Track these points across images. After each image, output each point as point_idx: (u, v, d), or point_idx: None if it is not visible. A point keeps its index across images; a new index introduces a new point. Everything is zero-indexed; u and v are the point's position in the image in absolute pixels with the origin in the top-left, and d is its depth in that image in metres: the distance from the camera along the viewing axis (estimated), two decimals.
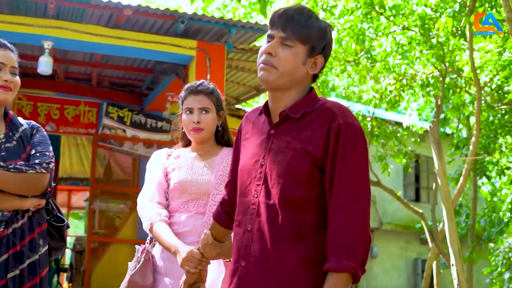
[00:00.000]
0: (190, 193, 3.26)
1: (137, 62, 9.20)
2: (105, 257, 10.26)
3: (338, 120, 2.25)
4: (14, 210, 2.85)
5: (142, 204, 3.27)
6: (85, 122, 10.25)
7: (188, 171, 3.30)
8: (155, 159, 3.44)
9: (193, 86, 3.38)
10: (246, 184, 2.39)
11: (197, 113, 3.29)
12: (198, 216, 3.23)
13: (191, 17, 7.38)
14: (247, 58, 8.70)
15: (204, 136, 3.32)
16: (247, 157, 2.43)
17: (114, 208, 11.04)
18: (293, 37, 2.26)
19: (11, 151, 2.92)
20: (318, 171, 2.26)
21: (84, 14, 7.36)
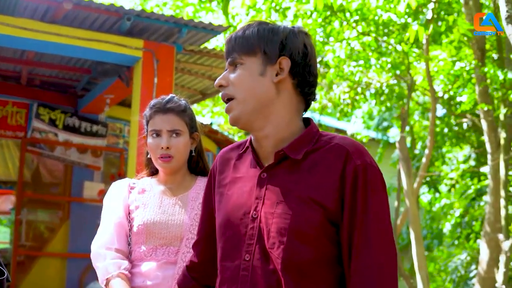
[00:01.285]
0: (158, 238, 2.67)
1: (73, 61, 8.41)
2: (32, 271, 9.44)
3: (355, 160, 1.79)
4: None
5: (97, 252, 2.66)
6: (12, 124, 9.37)
7: (156, 209, 2.72)
8: (113, 193, 2.82)
9: (160, 103, 2.78)
10: (232, 244, 1.87)
11: (166, 136, 2.72)
12: (169, 266, 2.65)
13: (138, 14, 6.68)
14: (195, 61, 8.07)
15: (174, 165, 2.75)
16: (231, 209, 1.91)
17: (44, 219, 10.20)
18: (238, 54, 1.88)
19: None
20: (331, 226, 1.78)
21: (17, 6, 6.55)
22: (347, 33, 8.89)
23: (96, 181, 9.88)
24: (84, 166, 9.78)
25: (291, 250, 1.75)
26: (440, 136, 10.84)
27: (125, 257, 2.65)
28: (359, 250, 1.72)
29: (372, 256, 1.71)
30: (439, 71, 9.09)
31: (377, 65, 8.99)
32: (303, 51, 1.89)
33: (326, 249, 1.77)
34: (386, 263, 1.73)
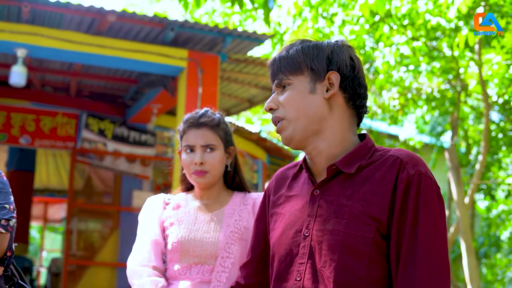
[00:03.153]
0: (193, 256, 2.58)
1: (120, 72, 8.45)
2: (83, 281, 9.51)
3: (408, 169, 1.70)
4: None
5: (133, 269, 2.58)
6: (62, 135, 9.47)
7: (191, 226, 2.63)
8: (148, 209, 2.76)
9: (194, 118, 2.70)
10: (284, 264, 1.79)
11: (200, 151, 2.64)
12: (202, 285, 2.55)
13: (182, 25, 6.63)
14: (240, 69, 8.01)
15: (209, 180, 2.66)
16: (284, 228, 1.85)
17: (94, 228, 10.29)
18: (284, 75, 1.84)
19: None
20: (383, 241, 1.69)
21: (62, 19, 6.59)
22: (396, 38, 8.69)
23: (145, 190, 9.91)
24: (133, 176, 9.82)
25: (343, 268, 1.66)
26: (495, 141, 10.52)
27: (161, 274, 2.58)
28: (406, 264, 1.63)
29: (418, 270, 1.61)
30: (493, 75, 8.81)
31: (428, 70, 8.76)
32: (350, 64, 1.84)
33: (380, 266, 1.68)
34: (434, 279, 1.61)
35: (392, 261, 1.66)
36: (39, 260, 18.68)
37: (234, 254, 2.55)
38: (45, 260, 19.54)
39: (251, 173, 11.03)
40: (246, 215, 2.65)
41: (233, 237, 2.58)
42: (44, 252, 20.37)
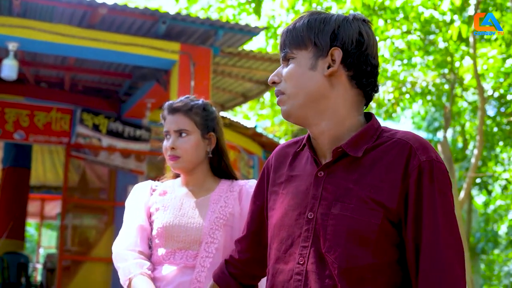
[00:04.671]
0: (177, 241, 2.56)
1: (114, 66, 8.43)
2: (78, 276, 9.50)
3: (419, 156, 1.63)
4: None
5: (119, 253, 2.57)
6: (57, 130, 9.43)
7: (176, 212, 2.61)
8: (135, 195, 2.73)
9: (169, 104, 2.71)
10: (285, 246, 1.75)
11: (173, 136, 2.63)
12: (187, 270, 2.53)
13: (174, 17, 6.62)
14: (234, 63, 7.99)
15: (183, 165, 2.64)
16: (286, 209, 1.78)
17: (89, 224, 10.27)
18: (289, 49, 1.76)
19: None
20: (393, 228, 1.64)
21: (54, 12, 6.57)
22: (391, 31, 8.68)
23: None
24: (128, 171, 9.80)
25: (349, 254, 1.61)
26: (491, 136, 10.51)
27: (147, 259, 2.57)
28: (428, 250, 1.58)
29: (443, 256, 1.57)
30: (489, 69, 8.79)
31: (423, 64, 8.75)
32: (357, 40, 1.72)
33: (387, 253, 1.63)
34: (457, 263, 1.59)
35: (409, 248, 1.62)
36: (36, 257, 18.68)
37: (218, 239, 2.54)
38: (42, 256, 19.53)
39: (247, 169, 11.02)
40: (232, 201, 2.63)
41: (218, 223, 2.56)
42: (41, 249, 20.36)
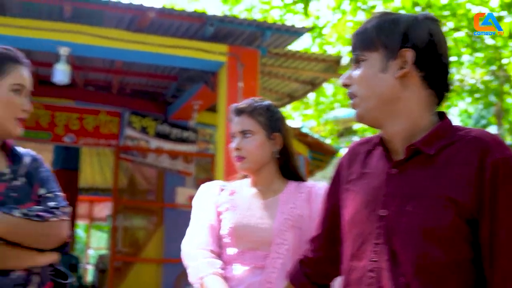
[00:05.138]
0: (247, 241, 2.58)
1: (160, 69, 8.53)
2: (129, 277, 9.61)
3: (494, 154, 1.60)
4: (27, 269, 2.16)
5: (189, 252, 2.60)
6: (106, 133, 9.58)
7: (245, 212, 2.64)
8: (203, 194, 2.77)
9: (234, 106, 2.75)
10: (358, 243, 1.75)
11: (238, 138, 2.67)
12: (256, 271, 2.54)
13: (221, 19, 6.67)
14: (280, 64, 8.00)
15: (249, 166, 2.66)
16: (358, 206, 1.80)
17: (138, 225, 10.40)
18: (360, 51, 1.76)
19: (21, 191, 2.24)
20: (466, 226, 1.62)
21: (103, 17, 6.68)
22: None
23: (188, 186, 9.97)
24: (176, 172, 9.89)
25: (423, 252, 1.61)
26: None
27: (218, 258, 2.58)
28: (504, 250, 1.57)
29: None
30: None
31: (470, 61, 8.63)
32: (428, 40, 1.71)
33: (461, 251, 1.62)
34: None
35: (484, 246, 1.60)
36: (85, 258, 18.97)
37: (288, 241, 2.54)
38: (91, 257, 19.84)
39: None
40: (301, 203, 2.63)
41: (287, 224, 2.57)
42: (90, 250, 20.67)
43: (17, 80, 2.23)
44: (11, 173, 2.27)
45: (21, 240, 2.12)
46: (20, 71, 2.26)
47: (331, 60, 7.95)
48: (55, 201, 2.28)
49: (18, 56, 2.30)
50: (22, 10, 6.62)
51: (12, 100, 2.21)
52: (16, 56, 2.29)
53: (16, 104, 2.23)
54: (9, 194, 2.19)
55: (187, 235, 2.68)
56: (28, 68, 2.33)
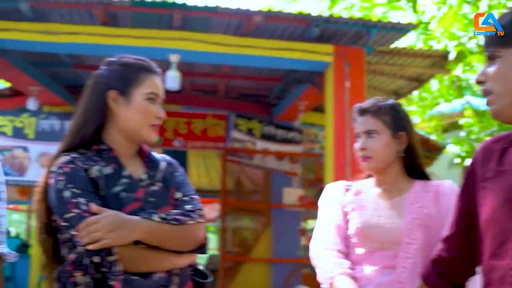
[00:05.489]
0: (375, 241, 2.59)
1: (266, 71, 8.65)
2: (239, 276, 9.79)
3: None
4: (168, 271, 2.25)
5: (317, 252, 2.64)
6: (213, 136, 9.80)
7: (372, 212, 2.65)
8: (329, 194, 2.81)
9: (358, 106, 2.75)
10: (498, 242, 1.71)
11: (363, 138, 2.68)
12: (385, 270, 2.55)
13: (327, 20, 6.69)
14: (386, 61, 7.94)
15: (375, 165, 2.67)
16: (496, 204, 1.75)
17: (247, 225, 10.56)
18: (494, 47, 1.71)
19: (159, 195, 2.33)
20: None
21: (211, 23, 6.84)
22: None
23: (295, 187, 10.05)
24: (283, 173, 9.99)
25: None
26: None
27: (345, 258, 2.61)
28: None
29: None
30: None
31: None
32: None
33: None
34: None
35: None
36: None
37: (417, 240, 2.53)
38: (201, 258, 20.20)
39: None
40: (429, 202, 2.61)
41: (415, 223, 2.55)
42: None
43: (151, 89, 2.32)
44: (149, 179, 2.36)
45: (161, 243, 2.20)
46: (154, 80, 2.35)
47: (438, 55, 7.83)
48: (191, 204, 2.36)
49: (151, 66, 2.39)
50: (133, 20, 6.89)
51: (147, 108, 2.30)
52: (150, 66, 2.39)
53: (151, 112, 2.32)
54: (147, 199, 2.28)
55: (314, 236, 2.71)
56: (160, 77, 2.43)
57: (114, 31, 6.84)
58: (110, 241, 2.05)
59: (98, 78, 2.35)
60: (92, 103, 2.32)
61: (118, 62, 2.37)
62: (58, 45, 6.94)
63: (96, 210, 2.10)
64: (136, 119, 2.30)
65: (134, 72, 2.32)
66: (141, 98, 2.30)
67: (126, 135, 2.33)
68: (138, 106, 2.29)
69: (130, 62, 2.36)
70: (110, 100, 2.29)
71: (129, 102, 2.29)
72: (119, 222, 2.10)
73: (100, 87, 2.31)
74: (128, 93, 2.29)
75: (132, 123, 2.30)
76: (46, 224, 2.27)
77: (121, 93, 2.29)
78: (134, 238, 2.12)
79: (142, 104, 2.30)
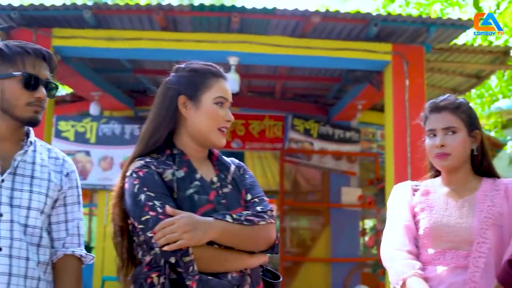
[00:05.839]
0: (446, 241, 2.58)
1: (323, 72, 8.66)
2: (299, 276, 9.82)
3: None
4: (241, 270, 2.29)
5: (388, 253, 2.64)
6: (270, 137, 9.86)
7: (442, 212, 2.63)
8: (397, 195, 2.80)
9: (434, 103, 2.72)
10: None
11: (441, 135, 2.64)
12: (457, 270, 2.53)
13: (385, 19, 6.67)
14: (444, 58, 7.84)
15: (452, 163, 2.64)
16: None
17: (305, 225, 10.59)
18: None
19: (230, 197, 2.38)
20: None
21: (268, 25, 6.90)
22: None
23: (353, 186, 10.03)
24: (340, 173, 9.98)
25: None
26: None
27: (416, 258, 2.60)
28: None
29: None
30: None
31: None
32: None
33: None
34: None
35: None
36: None
37: (490, 239, 2.50)
38: None
39: None
40: (499, 200, 2.59)
41: (487, 222, 2.53)
42: None
43: (219, 93, 2.36)
44: (219, 181, 2.41)
45: (234, 244, 2.24)
46: (222, 84, 2.40)
47: (499, 51, 7.69)
48: (261, 205, 2.39)
49: (219, 71, 2.45)
50: (192, 25, 6.99)
51: (216, 112, 2.35)
52: (217, 71, 2.44)
53: (220, 116, 2.36)
54: (219, 201, 2.33)
55: (384, 236, 2.71)
56: (227, 81, 2.48)
57: (174, 35, 6.95)
58: (185, 242, 2.10)
59: (168, 84, 2.41)
60: (163, 109, 2.38)
61: (187, 68, 2.43)
62: (119, 51, 7.10)
63: (171, 212, 2.16)
64: (205, 123, 2.35)
65: (202, 77, 2.37)
66: (209, 103, 2.34)
67: (196, 139, 2.38)
68: (206, 111, 2.34)
69: (198, 67, 2.41)
70: (180, 105, 2.35)
71: (198, 106, 2.34)
72: (194, 223, 2.14)
73: (170, 93, 2.37)
74: (197, 98, 2.34)
75: (201, 127, 2.35)
76: (121, 227, 2.35)
77: (190, 98, 2.35)
78: (208, 238, 2.17)
79: (210, 108, 2.34)
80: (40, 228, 2.40)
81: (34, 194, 2.39)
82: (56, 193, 2.47)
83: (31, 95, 2.39)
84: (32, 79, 2.39)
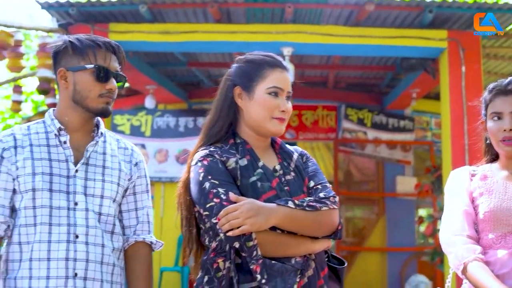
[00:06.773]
0: (506, 225, 2.56)
1: (376, 60, 8.62)
2: (355, 265, 9.81)
3: None
4: (305, 255, 2.33)
5: (448, 238, 2.62)
6: (324, 127, 9.85)
7: (502, 196, 2.61)
8: (455, 180, 2.77)
9: (500, 85, 2.67)
10: None
11: (509, 118, 2.60)
12: None
13: (440, 5, 6.60)
14: (501, 44, 7.72)
15: None
16: None
17: (360, 215, 10.57)
18: None
19: (293, 184, 2.43)
20: None
21: (322, 15, 6.91)
22: None
23: (408, 175, 9.97)
24: (395, 162, 9.93)
25: None
26: None
27: (476, 243, 2.58)
28: None
29: None
30: None
31: None
32: None
33: None
34: None
35: None
36: None
37: None
38: None
39: None
40: None
41: None
42: None
43: (273, 83, 2.39)
44: (282, 169, 2.46)
45: (297, 229, 2.28)
46: (278, 74, 2.42)
47: None
48: (324, 191, 2.42)
49: (276, 61, 2.47)
50: (246, 16, 7.04)
51: (269, 102, 2.38)
52: (274, 61, 2.47)
53: (273, 106, 2.38)
54: (282, 188, 2.37)
55: (443, 222, 2.70)
56: (288, 71, 2.51)
57: (228, 27, 7.03)
58: (248, 227, 2.16)
59: (227, 76, 2.47)
60: (222, 100, 2.45)
61: (244, 59, 2.48)
62: (174, 44, 7.20)
63: (235, 199, 2.22)
64: (259, 113, 2.39)
65: (257, 68, 2.42)
66: (262, 93, 2.38)
67: (254, 129, 2.43)
68: (259, 101, 2.38)
69: (254, 58, 2.46)
70: (236, 96, 2.41)
71: (252, 97, 2.39)
72: (257, 209, 2.20)
73: (228, 85, 2.44)
74: (250, 89, 2.40)
75: (256, 117, 2.39)
76: (187, 216, 2.42)
77: (245, 89, 2.40)
78: (271, 223, 2.22)
79: (263, 98, 2.38)
80: (113, 216, 2.51)
81: (106, 183, 2.49)
82: (127, 182, 2.57)
83: (102, 86, 2.50)
84: (103, 71, 2.48)
